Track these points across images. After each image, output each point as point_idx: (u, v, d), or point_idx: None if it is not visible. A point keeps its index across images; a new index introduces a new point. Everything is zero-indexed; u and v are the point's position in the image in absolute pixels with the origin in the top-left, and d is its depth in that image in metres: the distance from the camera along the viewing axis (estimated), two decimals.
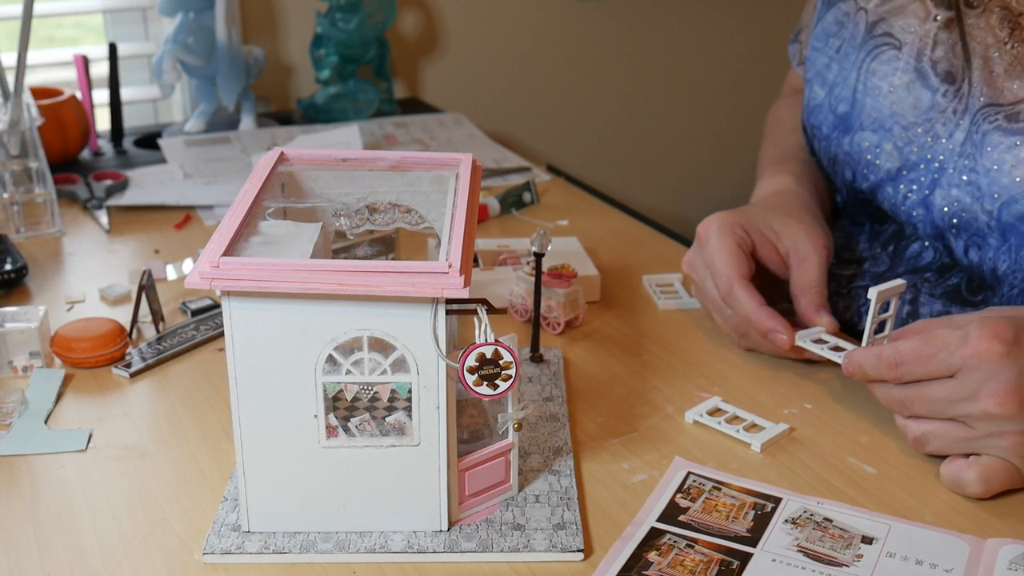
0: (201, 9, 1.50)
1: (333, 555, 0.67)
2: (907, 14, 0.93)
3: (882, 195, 0.96)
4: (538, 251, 0.86)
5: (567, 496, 0.72)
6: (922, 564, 0.66)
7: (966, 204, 0.88)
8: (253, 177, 0.73)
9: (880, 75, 0.94)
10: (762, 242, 0.92)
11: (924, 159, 0.91)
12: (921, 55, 0.91)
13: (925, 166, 0.91)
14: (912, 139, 0.92)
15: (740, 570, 0.65)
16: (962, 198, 0.88)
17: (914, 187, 0.92)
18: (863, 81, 0.95)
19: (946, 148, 0.89)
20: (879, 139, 0.94)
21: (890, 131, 0.93)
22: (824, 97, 1.00)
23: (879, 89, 0.94)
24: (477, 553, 0.67)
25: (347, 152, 0.78)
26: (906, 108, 0.92)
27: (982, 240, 0.88)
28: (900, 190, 0.94)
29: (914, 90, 0.91)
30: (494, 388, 0.65)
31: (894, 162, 0.93)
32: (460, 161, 0.77)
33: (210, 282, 0.61)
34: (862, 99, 0.95)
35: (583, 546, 0.67)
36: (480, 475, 0.69)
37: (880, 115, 0.94)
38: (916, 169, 0.92)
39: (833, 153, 1.00)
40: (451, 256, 0.62)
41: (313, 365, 0.64)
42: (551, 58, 1.95)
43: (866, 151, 0.96)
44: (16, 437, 0.79)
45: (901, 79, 0.92)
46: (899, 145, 0.93)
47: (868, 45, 0.95)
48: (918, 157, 0.91)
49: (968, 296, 0.94)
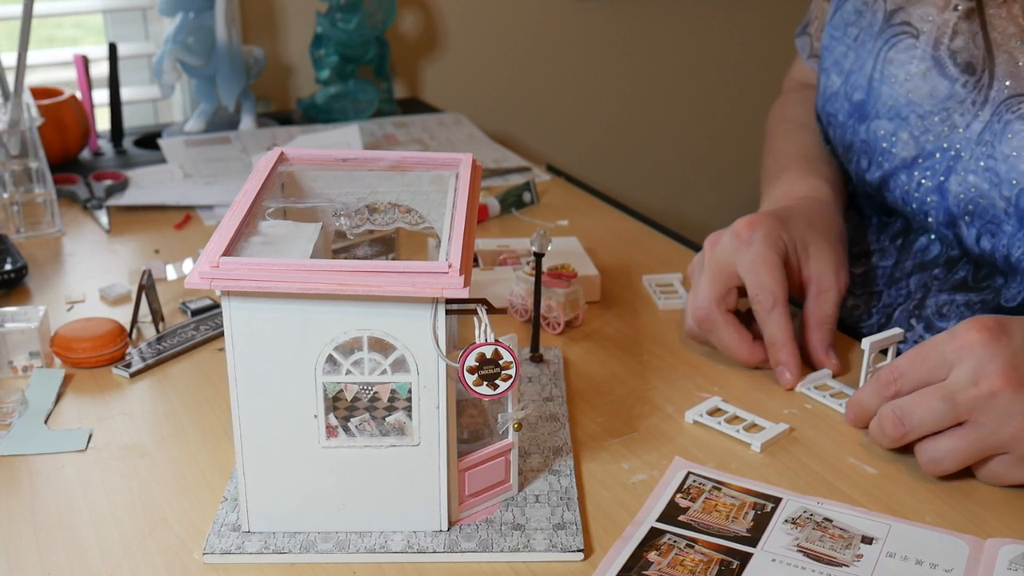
0: (201, 9, 1.50)
1: (333, 555, 0.66)
2: (926, 3, 0.92)
3: (894, 184, 0.95)
4: (538, 251, 0.86)
5: (567, 496, 0.72)
6: (922, 564, 0.66)
7: (983, 190, 0.87)
8: (253, 177, 0.73)
9: (897, 63, 0.93)
10: (792, 257, 0.90)
11: (940, 148, 0.90)
12: (939, 44, 0.90)
13: (941, 155, 0.90)
14: (928, 128, 0.91)
15: (740, 570, 0.65)
16: (979, 184, 0.88)
17: (928, 173, 0.91)
18: (879, 69, 0.95)
19: (963, 137, 0.89)
20: (895, 127, 0.94)
21: (906, 119, 0.93)
22: (840, 85, 0.99)
23: (895, 77, 0.93)
24: (477, 553, 0.67)
25: (347, 152, 0.78)
26: (922, 97, 0.91)
27: (996, 227, 0.88)
28: (914, 177, 0.93)
29: (931, 79, 0.91)
30: (494, 388, 0.65)
31: (909, 151, 0.93)
32: (460, 161, 0.77)
33: (210, 282, 0.61)
34: (878, 87, 0.95)
35: (583, 546, 0.67)
36: (480, 475, 0.69)
37: (896, 103, 0.93)
38: (931, 157, 0.91)
39: (848, 141, 0.99)
40: (451, 256, 0.62)
41: (313, 365, 0.64)
42: (551, 58, 1.95)
43: (882, 139, 0.95)
44: (16, 437, 0.79)
45: (918, 67, 0.92)
46: (915, 134, 0.92)
47: (886, 34, 0.95)
48: (934, 146, 0.91)
49: (974, 284, 0.94)
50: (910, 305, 0.97)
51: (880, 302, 1.02)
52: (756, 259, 0.87)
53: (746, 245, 0.88)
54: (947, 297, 0.95)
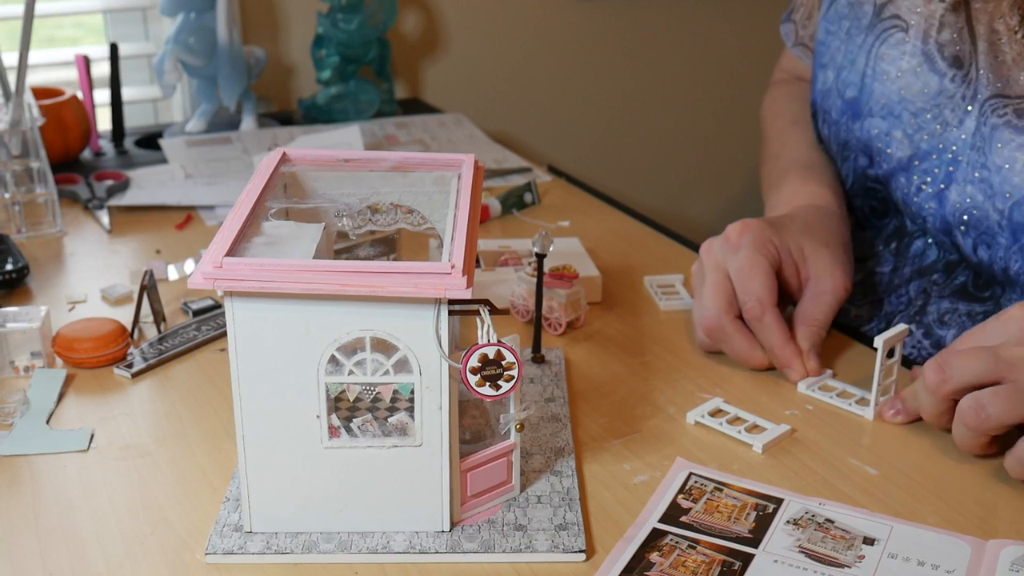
0: (202, 9, 1.50)
1: (335, 555, 0.67)
2: None
3: (895, 184, 0.94)
4: (540, 252, 0.86)
5: (569, 497, 0.72)
6: (924, 565, 0.66)
7: (978, 202, 0.87)
8: (255, 177, 0.73)
9: (889, 60, 0.92)
10: (788, 262, 0.89)
11: (936, 148, 0.89)
12: (927, 37, 0.89)
13: (938, 156, 0.89)
14: (921, 126, 0.90)
15: (742, 571, 0.65)
16: (975, 195, 0.87)
17: (928, 179, 0.90)
18: (872, 66, 0.93)
19: (957, 137, 0.88)
20: (888, 126, 0.93)
21: (899, 117, 0.92)
22: (833, 81, 0.98)
23: (887, 74, 0.92)
24: (479, 554, 0.67)
25: (350, 152, 0.78)
26: (914, 93, 0.90)
27: (991, 239, 0.87)
28: (913, 181, 0.92)
29: (922, 75, 0.90)
30: (496, 389, 0.64)
31: (905, 150, 0.92)
32: (462, 162, 0.77)
33: (213, 282, 0.61)
34: (871, 84, 0.94)
35: (585, 547, 0.67)
36: (482, 476, 0.69)
37: (889, 101, 0.92)
38: (928, 159, 0.90)
39: (844, 139, 0.98)
40: (454, 257, 0.62)
41: (316, 366, 0.64)
42: (551, 58, 1.95)
43: (876, 139, 0.94)
44: (18, 437, 0.79)
45: (909, 63, 0.90)
46: (908, 132, 0.91)
47: (876, 28, 0.93)
48: (929, 146, 0.90)
49: (975, 292, 0.93)
50: (911, 311, 0.97)
51: (882, 310, 1.01)
52: (744, 264, 0.87)
53: (735, 250, 0.87)
54: (949, 305, 0.94)
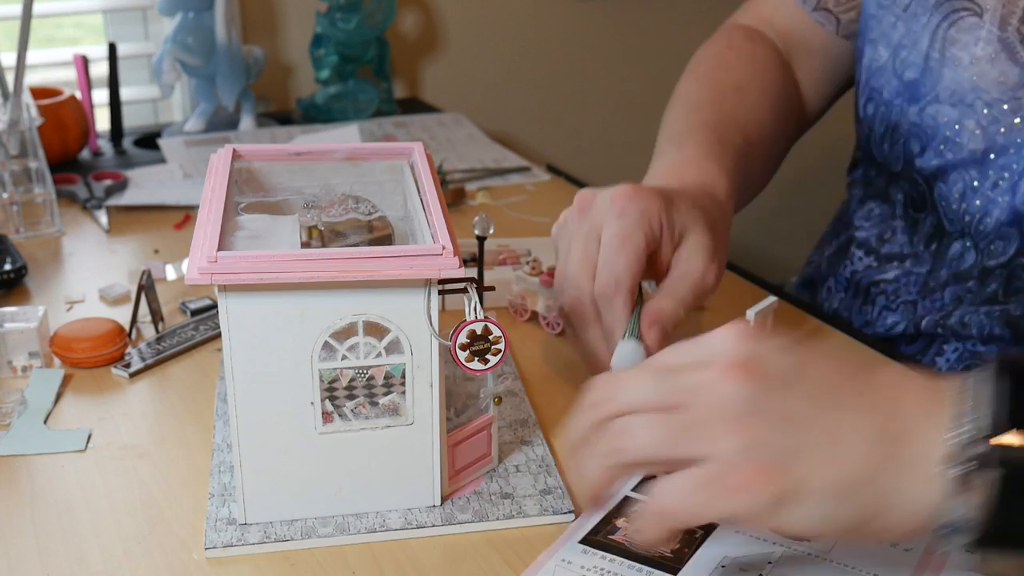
0: (201, 9, 1.50)
1: (334, 538, 0.67)
2: None
3: (955, 176, 0.88)
4: (480, 234, 0.83)
5: (545, 463, 0.74)
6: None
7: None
8: (213, 174, 0.73)
9: (960, 45, 0.85)
10: (667, 241, 0.76)
11: (1014, 143, 0.83)
12: (1006, 24, 0.82)
13: (1016, 151, 0.83)
14: (998, 118, 0.84)
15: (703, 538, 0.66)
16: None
17: (1005, 175, 0.85)
18: (939, 49, 0.86)
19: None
20: (959, 115, 0.86)
21: (971, 107, 0.85)
22: (888, 59, 0.91)
23: (959, 60, 0.85)
24: (474, 523, 0.68)
25: (301, 146, 0.78)
26: (990, 83, 0.84)
27: None
28: (989, 176, 0.86)
29: (999, 64, 0.83)
30: (485, 363, 0.66)
31: (978, 143, 0.86)
32: (412, 150, 0.78)
33: (210, 277, 0.61)
34: (938, 68, 0.87)
35: (573, 507, 0.69)
36: (466, 449, 0.71)
37: (960, 88, 0.85)
38: (1005, 154, 0.84)
39: (895, 121, 0.91)
40: (440, 238, 0.64)
41: (310, 353, 0.64)
42: (551, 58, 1.95)
43: (944, 127, 0.87)
44: (15, 437, 0.79)
45: (984, 50, 0.84)
46: (983, 124, 0.85)
47: (943, 8, 0.86)
48: (1007, 140, 0.84)
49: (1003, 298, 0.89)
50: (938, 316, 0.93)
51: (915, 313, 0.96)
52: (618, 234, 0.74)
53: (617, 215, 0.74)
54: (973, 308, 0.91)
